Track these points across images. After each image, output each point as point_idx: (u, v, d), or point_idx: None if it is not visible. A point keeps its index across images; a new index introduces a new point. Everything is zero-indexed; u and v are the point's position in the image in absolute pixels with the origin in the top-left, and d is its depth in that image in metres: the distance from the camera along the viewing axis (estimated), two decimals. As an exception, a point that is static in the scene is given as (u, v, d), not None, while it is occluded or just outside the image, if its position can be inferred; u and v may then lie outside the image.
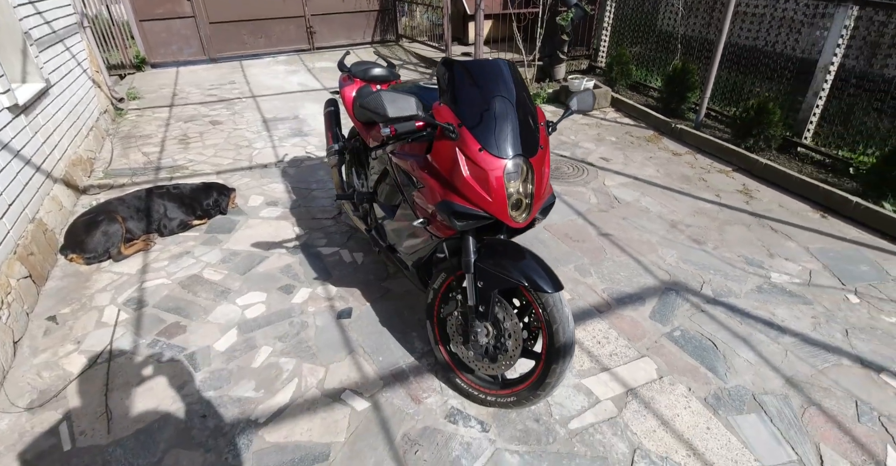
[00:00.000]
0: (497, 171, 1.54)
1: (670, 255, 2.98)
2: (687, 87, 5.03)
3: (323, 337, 2.41)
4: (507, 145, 1.55)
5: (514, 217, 1.62)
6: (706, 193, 3.76)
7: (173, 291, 2.74)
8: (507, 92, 1.61)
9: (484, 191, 1.57)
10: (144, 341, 2.37)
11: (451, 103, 1.63)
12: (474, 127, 1.56)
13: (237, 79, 7.41)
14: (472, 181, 1.57)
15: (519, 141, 1.57)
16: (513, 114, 1.59)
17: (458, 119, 1.59)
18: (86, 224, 3.04)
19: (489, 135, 1.55)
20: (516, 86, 1.65)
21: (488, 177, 1.54)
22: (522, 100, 1.65)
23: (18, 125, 3.20)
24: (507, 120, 1.57)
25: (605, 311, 2.51)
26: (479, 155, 1.55)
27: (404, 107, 1.48)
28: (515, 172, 1.57)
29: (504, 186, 1.56)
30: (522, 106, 1.63)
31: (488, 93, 1.60)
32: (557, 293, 1.62)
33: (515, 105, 1.60)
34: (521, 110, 1.62)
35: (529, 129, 1.62)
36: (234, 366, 2.25)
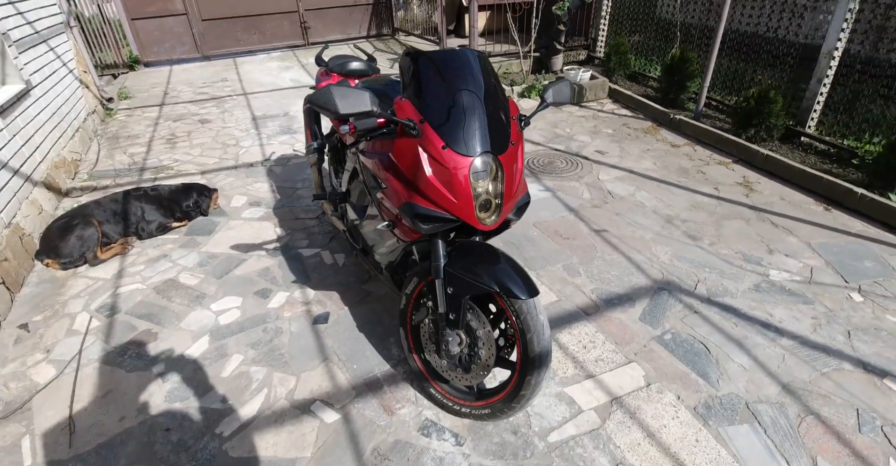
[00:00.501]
0: (462, 170, 1.43)
1: (664, 253, 2.85)
2: (686, 76, 4.87)
3: (297, 343, 2.31)
4: (473, 142, 1.44)
5: (483, 219, 1.51)
6: (704, 186, 3.61)
7: (147, 297, 2.66)
8: (475, 85, 1.50)
9: (448, 192, 1.45)
10: (114, 350, 2.30)
11: (413, 98, 1.51)
12: (438, 123, 1.45)
13: (230, 77, 7.31)
14: (435, 181, 1.46)
15: (487, 137, 1.45)
16: (480, 108, 1.47)
17: (421, 114, 1.47)
18: (60, 229, 2.96)
19: (454, 132, 1.43)
20: (485, 79, 1.53)
21: (453, 177, 1.43)
22: (492, 93, 1.53)
23: (-7, 127, 3.12)
24: (474, 115, 1.46)
25: (592, 314, 2.39)
26: (442, 153, 1.43)
27: (356, 103, 1.37)
28: (483, 171, 1.46)
29: (470, 186, 1.44)
30: (492, 99, 1.52)
31: (454, 87, 1.48)
32: (532, 299, 1.51)
33: (484, 98, 1.49)
34: (491, 104, 1.50)
35: (499, 124, 1.51)
36: (203, 376, 2.16)
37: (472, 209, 1.47)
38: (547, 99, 1.70)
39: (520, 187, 1.61)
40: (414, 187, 1.52)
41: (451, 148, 1.43)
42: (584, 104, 5.42)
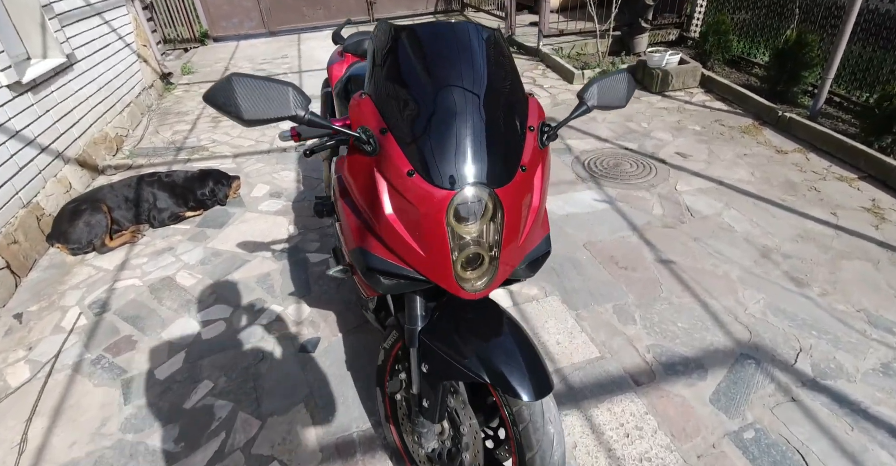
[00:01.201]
0: (436, 210, 0.93)
1: (755, 301, 2.18)
2: (802, 64, 3.94)
3: (276, 374, 1.94)
4: (458, 168, 0.93)
5: (467, 283, 1.01)
6: (817, 209, 2.82)
7: (140, 295, 2.45)
8: (473, 78, 0.98)
9: (414, 240, 0.96)
10: (90, 356, 2.11)
11: (377, 95, 1.01)
12: (406, 136, 0.95)
13: (290, 54, 7.11)
14: (395, 222, 0.97)
15: (483, 160, 0.94)
16: (477, 115, 0.95)
17: (384, 121, 0.97)
18: (70, 213, 2.81)
19: (428, 151, 0.93)
20: (492, 69, 1.00)
21: (422, 219, 0.94)
22: (499, 90, 1.00)
23: (21, 104, 3.00)
24: (465, 125, 0.94)
25: (644, 384, 1.81)
26: (407, 182, 0.94)
27: (270, 105, 0.88)
28: (471, 211, 0.95)
29: (447, 234, 0.94)
30: (498, 101, 0.99)
31: (440, 81, 0.97)
32: (540, 401, 1.00)
33: (484, 100, 0.97)
34: (495, 108, 0.98)
35: (505, 140, 0.98)
36: (166, 403, 1.87)
37: (450, 267, 0.97)
38: (587, 100, 1.12)
39: (532, 233, 1.07)
40: (370, 227, 1.04)
41: (422, 175, 0.93)
42: (669, 93, 4.60)
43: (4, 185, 2.71)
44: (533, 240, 1.09)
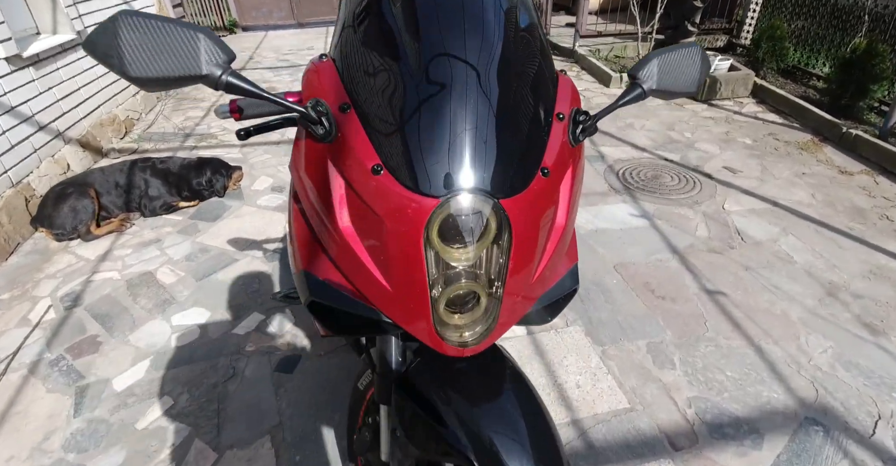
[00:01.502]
0: (410, 225, 0.64)
1: (822, 350, 1.81)
2: (871, 77, 3.51)
3: (244, 396, 1.67)
4: (450, 165, 0.64)
5: (453, 332, 0.71)
6: (892, 242, 2.42)
7: (116, 290, 2.24)
8: (478, 45, 0.67)
9: (378, 266, 0.66)
10: (50, 356, 1.90)
11: (343, 59, 0.72)
12: (377, 116, 0.66)
13: (317, 45, 6.93)
14: (352, 238, 0.68)
15: (486, 158, 0.64)
16: (480, 93, 0.65)
17: (347, 95, 0.68)
18: (56, 196, 2.62)
19: (407, 139, 0.64)
20: (508, 35, 0.70)
21: (388, 236, 0.65)
22: (515, 63, 0.69)
23: (20, 79, 2.82)
24: (461, 105, 0.64)
25: (684, 448, 1.46)
26: (371, 181, 0.64)
27: (165, 60, 0.58)
28: (465, 228, 0.65)
29: (422, 260, 0.64)
30: (512, 76, 0.68)
31: (432, 46, 0.66)
32: None
33: (492, 74, 0.66)
34: (506, 86, 0.67)
35: (519, 131, 0.68)
36: (117, 421, 1.63)
37: (427, 308, 0.66)
38: (643, 82, 0.76)
39: (554, 264, 0.76)
40: (323, 244, 0.74)
41: (394, 173, 0.63)
42: (716, 102, 4.21)
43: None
44: (554, 273, 0.78)
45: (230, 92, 0.62)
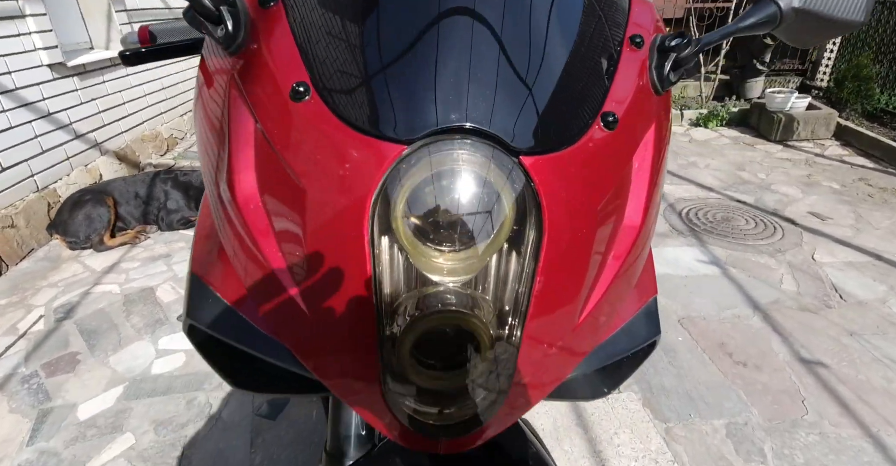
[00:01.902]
0: (350, 195, 0.37)
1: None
2: None
3: (216, 443, 1.44)
4: (432, 90, 0.36)
5: (424, 414, 0.40)
6: None
7: (111, 305, 2.10)
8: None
9: (293, 278, 0.39)
10: (24, 370, 1.76)
11: None
12: (320, 10, 0.40)
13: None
14: (253, 221, 0.41)
15: (500, 83, 0.37)
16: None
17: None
18: (73, 203, 2.57)
19: (364, 43, 0.39)
20: None
21: (311, 217, 0.38)
22: None
23: (62, 87, 2.83)
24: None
25: None
26: (288, 111, 0.38)
27: None
28: (454, 208, 0.36)
29: (367, 265, 0.36)
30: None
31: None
32: None
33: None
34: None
35: (560, 49, 0.41)
36: (69, 456, 1.44)
37: (373, 366, 0.37)
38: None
39: (616, 293, 0.45)
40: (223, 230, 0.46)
41: (326, 99, 0.35)
42: (792, 143, 3.79)
43: (18, 165, 2.50)
44: (616, 312, 0.47)
45: None
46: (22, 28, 2.48)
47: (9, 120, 2.44)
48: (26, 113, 2.56)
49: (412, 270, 0.39)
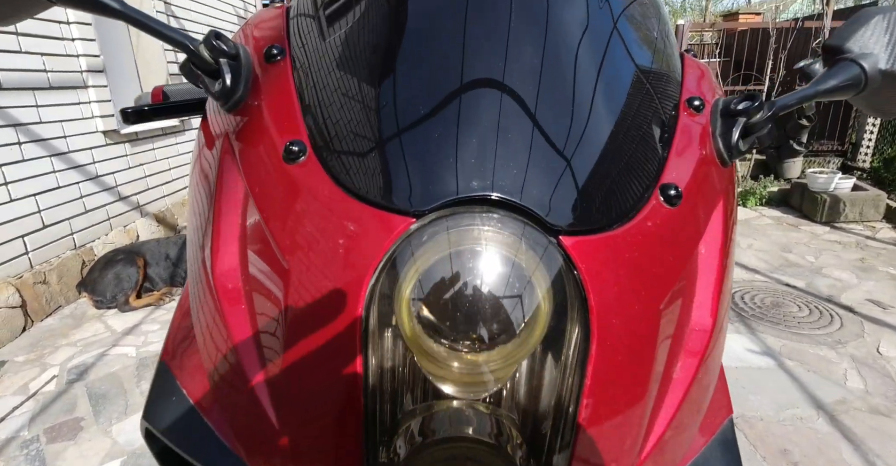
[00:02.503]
0: (345, 275, 0.29)
1: None
2: None
3: None
4: (453, 156, 0.30)
5: None
6: None
7: (125, 369, 2.05)
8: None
9: (265, 380, 0.32)
10: (27, 434, 1.70)
11: (298, 5, 0.44)
12: (330, 65, 0.35)
13: None
14: (228, 302, 0.33)
15: (534, 149, 0.31)
16: (525, 33, 0.33)
17: (286, 37, 0.38)
18: (104, 262, 2.62)
19: (378, 101, 0.32)
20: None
21: (292, 301, 0.30)
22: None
23: (112, 152, 3.00)
24: (485, 48, 0.32)
25: None
26: (280, 174, 0.33)
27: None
28: (474, 300, 0.27)
29: (359, 368, 0.29)
30: (584, 23, 0.36)
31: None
32: None
33: (560, 12, 0.35)
34: (575, 34, 0.35)
35: (606, 112, 0.34)
36: None
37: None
38: (861, 56, 0.39)
39: (688, 415, 0.34)
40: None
41: (324, 162, 0.29)
42: (840, 225, 3.61)
43: (60, 223, 2.58)
44: (690, 437, 0.35)
45: (70, 3, 0.33)
46: (83, 97, 2.67)
47: (57, 180, 2.55)
48: (75, 174, 2.69)
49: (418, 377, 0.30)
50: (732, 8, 12.49)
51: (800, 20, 5.06)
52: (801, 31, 4.90)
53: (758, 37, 5.23)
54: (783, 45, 4.80)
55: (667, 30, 0.43)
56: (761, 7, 12.44)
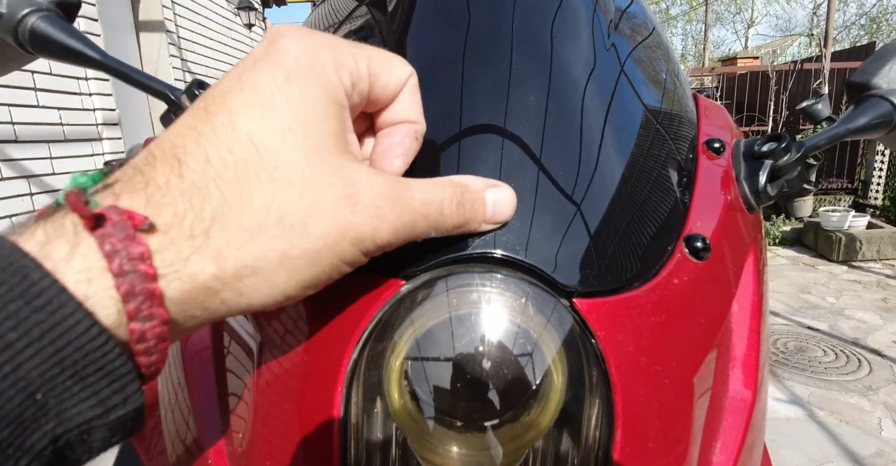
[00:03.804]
0: (323, 351, 0.26)
1: None
2: None
3: None
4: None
5: None
6: None
7: None
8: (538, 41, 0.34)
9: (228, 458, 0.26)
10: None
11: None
12: None
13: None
14: (194, 376, 0.32)
15: (539, 202, 0.28)
16: (524, 68, 0.31)
17: None
18: None
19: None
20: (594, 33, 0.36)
21: (263, 379, 0.27)
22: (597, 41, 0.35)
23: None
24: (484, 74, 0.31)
25: None
26: None
27: None
28: (475, 374, 0.24)
29: (335, 453, 0.23)
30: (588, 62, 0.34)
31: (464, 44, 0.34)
32: None
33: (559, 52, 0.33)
34: (577, 71, 0.33)
35: (616, 156, 0.31)
36: None
37: None
38: (891, 92, 0.37)
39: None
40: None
41: None
42: (858, 263, 3.52)
43: None
44: None
45: (40, 51, 0.31)
46: (97, 149, 2.73)
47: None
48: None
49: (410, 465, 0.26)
50: (730, 53, 12.88)
51: (798, 62, 5.19)
52: (801, 72, 5.00)
53: (758, 80, 5.35)
54: (784, 87, 4.89)
55: (677, 70, 0.41)
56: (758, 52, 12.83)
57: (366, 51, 0.23)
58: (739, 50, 15.15)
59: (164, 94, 0.36)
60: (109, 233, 0.16)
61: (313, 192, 0.20)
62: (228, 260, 0.18)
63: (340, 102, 0.21)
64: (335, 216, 0.20)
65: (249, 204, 0.19)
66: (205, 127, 0.19)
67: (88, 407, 0.16)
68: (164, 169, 0.18)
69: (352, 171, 0.21)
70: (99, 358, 0.16)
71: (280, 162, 0.19)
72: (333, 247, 0.20)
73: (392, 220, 0.21)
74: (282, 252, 0.19)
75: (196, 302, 0.18)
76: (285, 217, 0.19)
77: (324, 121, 0.21)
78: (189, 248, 0.18)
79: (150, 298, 0.17)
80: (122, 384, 0.17)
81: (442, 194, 0.23)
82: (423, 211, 0.22)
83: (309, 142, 0.20)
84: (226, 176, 0.18)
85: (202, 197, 0.18)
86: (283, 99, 0.20)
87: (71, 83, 2.54)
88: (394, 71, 0.24)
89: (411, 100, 0.25)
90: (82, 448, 0.17)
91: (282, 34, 0.21)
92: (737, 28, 16.69)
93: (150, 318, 0.17)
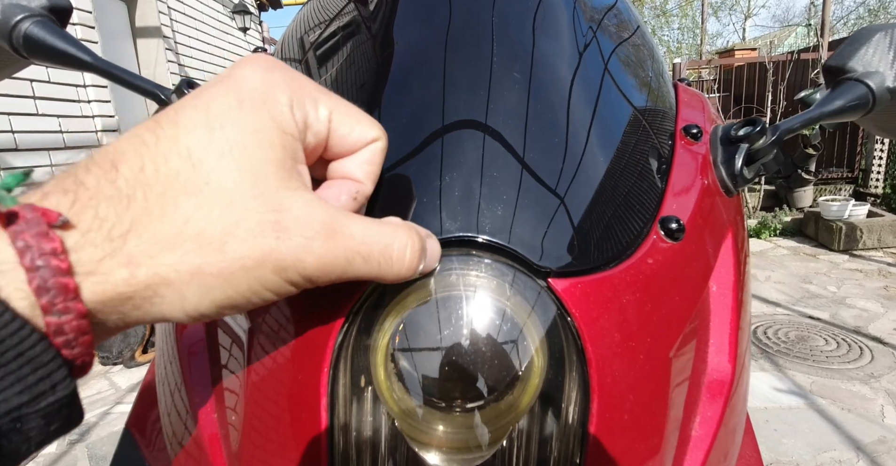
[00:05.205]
0: (309, 325, 0.27)
1: None
2: None
3: None
4: (439, 190, 0.29)
5: None
6: None
7: None
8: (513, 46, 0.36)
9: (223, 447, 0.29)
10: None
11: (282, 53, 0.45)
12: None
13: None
14: (187, 362, 0.32)
15: (512, 180, 0.29)
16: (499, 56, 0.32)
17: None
18: None
19: None
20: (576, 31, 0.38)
21: (255, 349, 0.28)
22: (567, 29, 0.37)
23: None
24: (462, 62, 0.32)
25: None
26: None
27: None
28: (458, 356, 0.25)
29: (323, 432, 0.25)
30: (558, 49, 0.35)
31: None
32: None
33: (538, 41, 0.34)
34: (552, 59, 0.34)
35: (587, 136, 0.32)
36: None
37: None
38: (867, 75, 0.37)
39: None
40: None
41: None
42: (859, 252, 3.52)
43: None
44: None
45: (34, 55, 0.32)
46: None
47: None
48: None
49: (399, 445, 0.27)
50: (727, 45, 12.83)
51: (796, 52, 5.17)
52: (798, 62, 4.99)
53: (755, 71, 5.33)
54: (781, 78, 4.88)
55: (655, 58, 0.42)
56: (756, 43, 12.77)
57: (334, 101, 0.23)
58: (737, 41, 15.09)
59: (153, 94, 0.37)
60: (22, 229, 0.16)
61: (238, 213, 0.19)
62: (140, 267, 0.18)
63: (291, 133, 0.21)
64: (256, 240, 0.19)
65: (171, 215, 0.19)
66: (150, 137, 0.19)
67: (14, 394, 0.16)
68: (98, 173, 0.18)
69: (286, 199, 0.20)
70: (16, 344, 0.16)
71: (211, 178, 0.19)
72: (252, 271, 0.20)
73: (320, 254, 0.20)
74: (195, 266, 0.19)
75: (112, 305, 0.18)
76: (204, 233, 0.19)
77: (268, 148, 0.20)
78: (104, 251, 0.18)
79: (65, 292, 0.17)
80: (47, 371, 0.17)
81: (392, 238, 0.22)
82: (361, 250, 0.21)
83: (245, 165, 0.20)
84: (154, 186, 0.19)
85: (126, 203, 0.18)
86: (231, 121, 0.20)
87: (70, 91, 2.56)
88: (357, 128, 0.24)
89: (366, 161, 0.25)
90: (19, 437, 0.17)
91: (249, 62, 0.22)
92: (733, 20, 16.63)
93: (65, 312, 0.17)
